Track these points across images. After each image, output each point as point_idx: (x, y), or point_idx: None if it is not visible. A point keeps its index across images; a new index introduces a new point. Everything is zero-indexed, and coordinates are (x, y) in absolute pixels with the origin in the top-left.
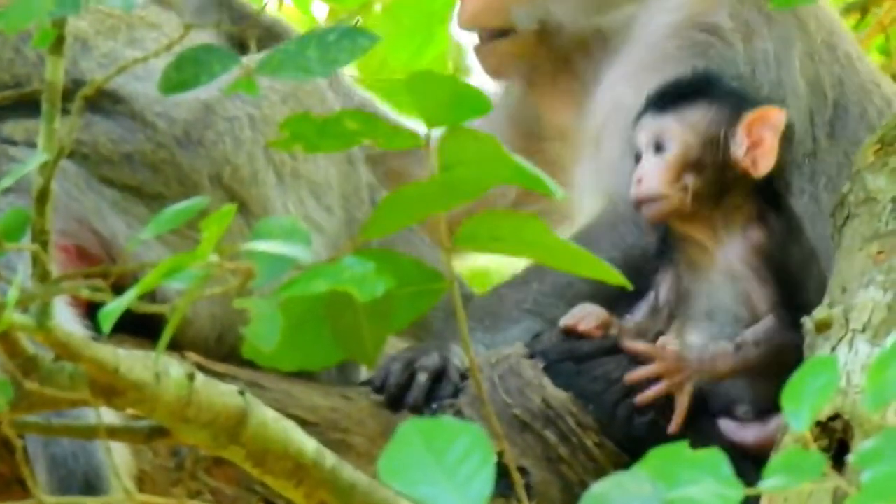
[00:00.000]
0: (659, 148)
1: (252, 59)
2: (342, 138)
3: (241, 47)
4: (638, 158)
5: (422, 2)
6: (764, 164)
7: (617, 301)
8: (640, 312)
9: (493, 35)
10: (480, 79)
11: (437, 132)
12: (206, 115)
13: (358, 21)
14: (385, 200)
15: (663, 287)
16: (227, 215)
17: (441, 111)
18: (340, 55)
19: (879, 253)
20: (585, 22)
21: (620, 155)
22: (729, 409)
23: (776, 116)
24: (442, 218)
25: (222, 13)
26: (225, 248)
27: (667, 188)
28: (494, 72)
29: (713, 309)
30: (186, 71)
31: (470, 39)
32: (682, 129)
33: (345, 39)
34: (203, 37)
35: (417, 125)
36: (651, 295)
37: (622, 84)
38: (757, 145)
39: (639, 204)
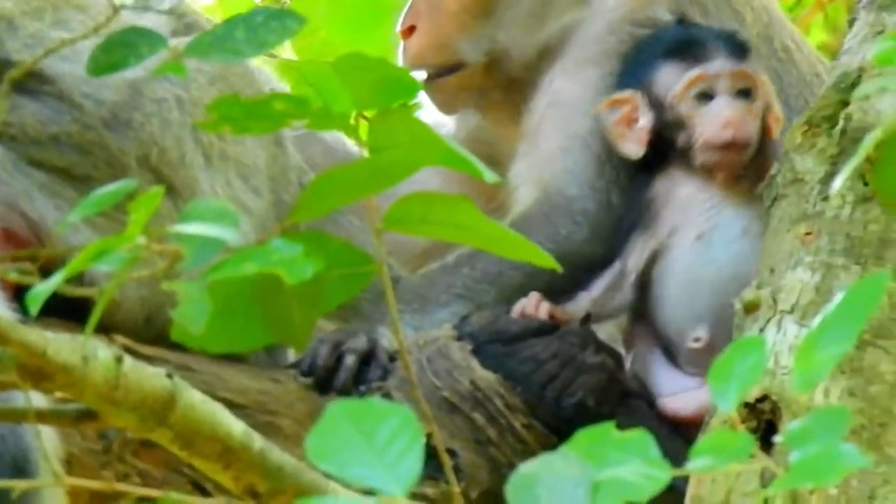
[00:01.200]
0: (745, 94)
1: (180, 41)
2: (271, 120)
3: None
4: (705, 98)
5: None
6: (776, 129)
7: (552, 292)
8: (597, 288)
9: (442, 71)
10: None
11: None
12: (133, 97)
13: (286, 3)
14: (314, 183)
15: (634, 253)
16: (155, 198)
17: (370, 94)
18: (269, 37)
19: (807, 234)
20: (531, 43)
21: (557, 147)
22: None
23: None
24: (372, 200)
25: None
26: (153, 230)
27: (756, 136)
28: (445, 107)
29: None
30: (114, 53)
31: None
32: (764, 81)
33: (273, 21)
34: (132, 18)
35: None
36: (616, 265)
37: (561, 78)
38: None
39: (730, 146)
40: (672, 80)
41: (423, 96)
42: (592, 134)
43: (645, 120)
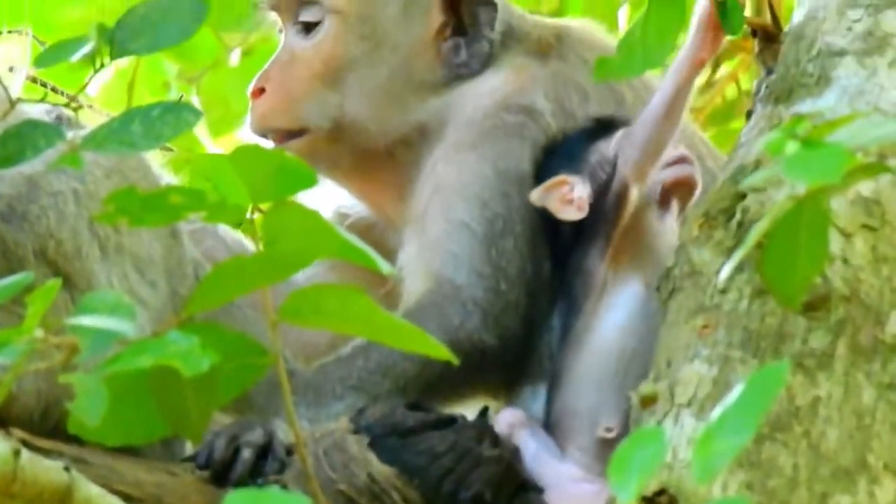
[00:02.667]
0: None
1: (77, 133)
2: (167, 212)
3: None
4: None
5: None
6: None
7: (448, 381)
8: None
9: (286, 136)
10: None
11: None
12: (30, 190)
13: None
14: (209, 275)
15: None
16: (52, 290)
17: (266, 185)
18: (164, 130)
19: (704, 327)
20: (391, 119)
21: (443, 234)
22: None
23: None
24: (267, 292)
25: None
26: (50, 322)
27: None
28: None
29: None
30: (11, 146)
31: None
32: None
33: (168, 114)
34: (29, 111)
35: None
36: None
37: (442, 163)
38: None
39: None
40: (605, 147)
41: None
42: (476, 220)
43: (581, 189)
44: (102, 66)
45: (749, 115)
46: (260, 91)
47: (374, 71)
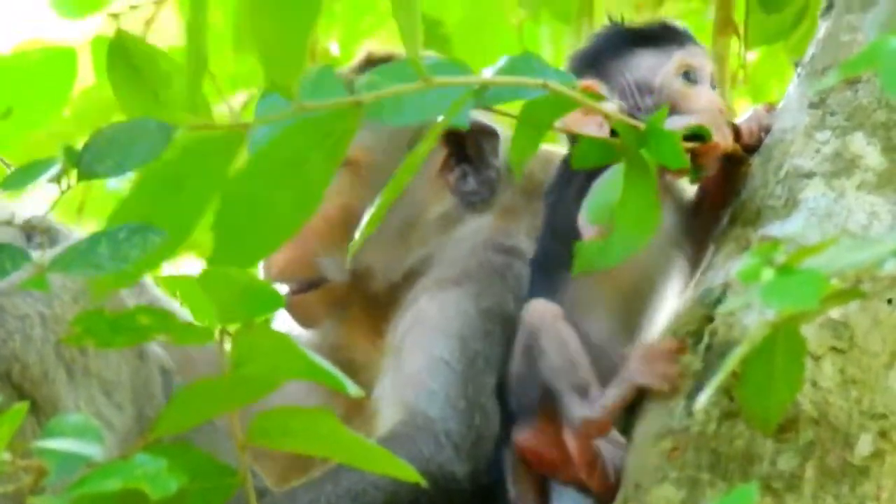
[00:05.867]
0: (714, 85)
1: (43, 255)
2: (135, 333)
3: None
4: (691, 81)
5: None
6: None
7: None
8: None
9: (304, 287)
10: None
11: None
12: None
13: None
14: (177, 397)
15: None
16: (19, 414)
17: (234, 308)
18: (131, 251)
19: (673, 449)
20: (397, 265)
21: (420, 368)
22: None
23: None
24: (235, 414)
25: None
26: (17, 445)
27: None
28: (306, 322)
29: None
30: None
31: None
32: None
33: (135, 236)
34: None
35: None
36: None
37: (424, 298)
38: None
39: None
40: (653, 62)
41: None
42: (456, 357)
43: (609, 105)
44: (69, 187)
45: (716, 238)
46: None
47: (389, 218)
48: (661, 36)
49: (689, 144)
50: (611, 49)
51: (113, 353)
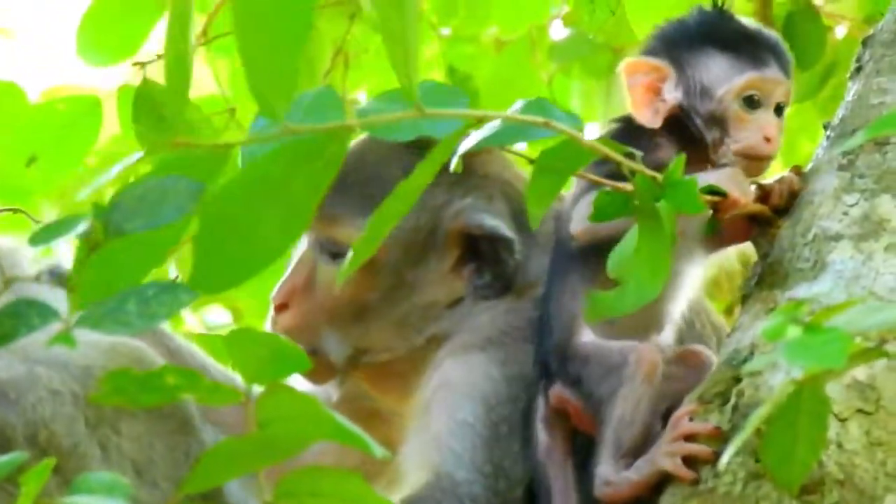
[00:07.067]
0: (779, 110)
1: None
2: (163, 393)
3: None
4: (753, 104)
5: None
6: None
7: None
8: None
9: (307, 351)
10: None
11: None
12: (30, 384)
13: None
14: (205, 455)
15: None
16: (45, 470)
17: (260, 368)
18: (160, 309)
19: None
20: (407, 342)
21: (446, 431)
22: None
23: None
24: (261, 475)
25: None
26: (42, 502)
27: None
28: (311, 381)
29: None
30: (6, 324)
31: None
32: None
33: (164, 294)
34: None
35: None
36: None
37: (449, 362)
38: None
39: (763, 160)
40: (723, 72)
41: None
42: (482, 421)
43: (672, 96)
44: (97, 245)
45: (744, 299)
46: (283, 306)
47: (396, 308)
48: (746, 46)
49: (709, 198)
50: (691, 39)
51: (144, 427)
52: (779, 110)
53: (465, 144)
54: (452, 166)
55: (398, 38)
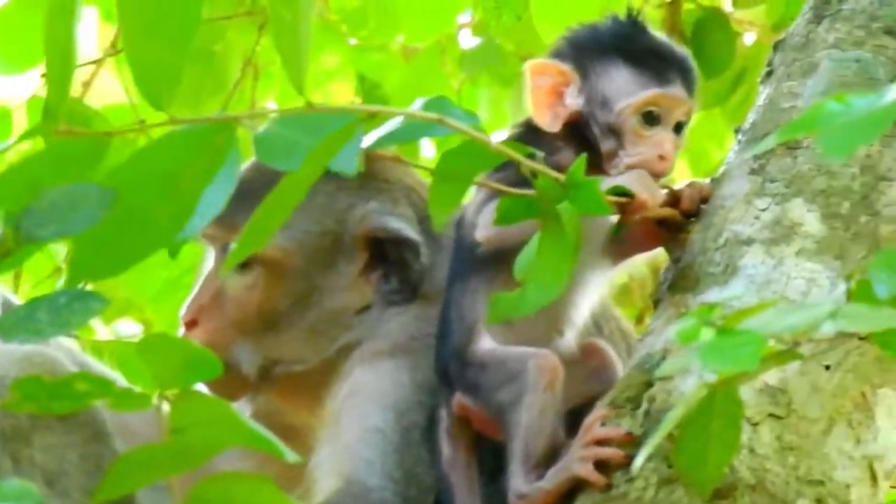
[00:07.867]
0: (678, 129)
1: None
2: (73, 400)
3: None
4: (651, 120)
5: None
6: None
7: None
8: None
9: None
10: None
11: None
12: None
13: None
14: (117, 463)
15: None
16: None
17: (172, 374)
18: (72, 317)
19: None
20: (318, 351)
21: (356, 438)
22: None
23: None
24: (174, 481)
25: None
26: None
27: None
28: (224, 397)
29: None
30: None
31: None
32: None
33: (76, 302)
34: None
35: None
36: None
37: (359, 370)
38: None
39: (660, 177)
40: (626, 85)
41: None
42: (392, 428)
43: (573, 102)
44: (9, 252)
45: (656, 303)
46: (192, 322)
47: (306, 315)
48: (653, 61)
49: (614, 199)
50: (600, 48)
51: (58, 438)
52: (678, 128)
53: (364, 143)
54: (354, 166)
55: (288, 30)
